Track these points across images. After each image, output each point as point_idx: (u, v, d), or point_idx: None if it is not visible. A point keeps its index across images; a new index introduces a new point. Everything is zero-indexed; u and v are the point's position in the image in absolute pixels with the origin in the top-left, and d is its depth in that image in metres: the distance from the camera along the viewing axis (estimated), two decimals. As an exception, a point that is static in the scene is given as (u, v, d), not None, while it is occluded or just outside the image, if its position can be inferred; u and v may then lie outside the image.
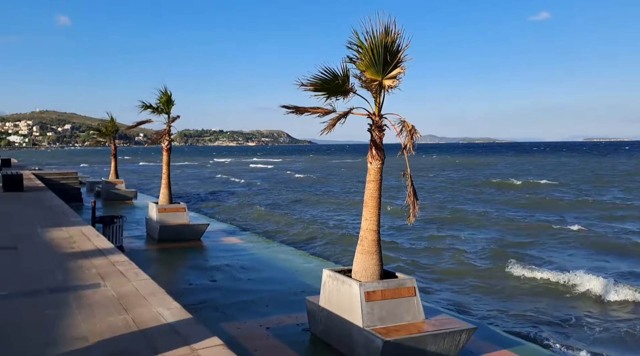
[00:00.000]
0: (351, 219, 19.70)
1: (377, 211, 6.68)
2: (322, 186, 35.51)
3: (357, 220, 19.38)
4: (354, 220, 19.45)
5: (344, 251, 13.75)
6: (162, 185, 15.13)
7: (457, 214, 19.91)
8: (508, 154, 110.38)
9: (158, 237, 14.15)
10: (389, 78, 6.43)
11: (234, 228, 17.45)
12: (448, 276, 11.01)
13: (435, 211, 21.08)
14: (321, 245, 14.66)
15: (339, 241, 15.21)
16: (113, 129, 24.25)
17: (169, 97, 14.66)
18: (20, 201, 11.74)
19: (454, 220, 18.74)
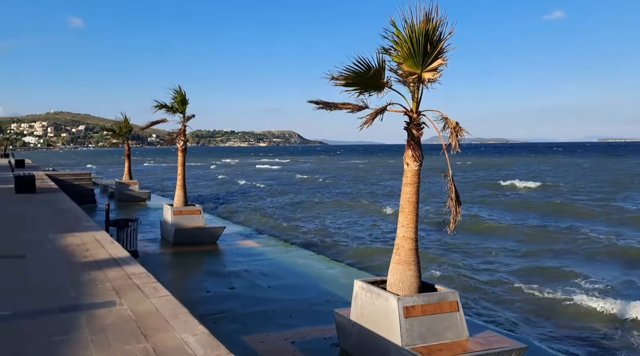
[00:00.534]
0: (367, 223, 19.10)
1: (415, 217, 6.10)
2: (333, 188, 34.93)
3: (370, 223, 18.78)
4: (370, 223, 18.85)
5: (364, 255, 13.17)
6: (177, 186, 14.70)
7: (481, 221, 19.14)
8: (521, 155, 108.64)
9: (173, 240, 13.71)
10: (429, 71, 5.85)
11: (250, 230, 16.95)
12: (482, 288, 10.32)
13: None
14: (340, 249, 14.08)
15: (357, 245, 14.63)
16: (127, 129, 23.94)
17: (183, 96, 14.22)
18: (32, 203, 11.35)
19: (479, 227, 17.98)
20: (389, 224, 18.24)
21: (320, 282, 10.15)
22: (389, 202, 25.38)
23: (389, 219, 19.34)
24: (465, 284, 10.34)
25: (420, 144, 6.18)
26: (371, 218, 20.00)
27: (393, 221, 18.76)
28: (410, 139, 6.13)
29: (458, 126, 5.73)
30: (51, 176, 21.39)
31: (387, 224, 18.42)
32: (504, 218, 19.53)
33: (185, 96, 14.21)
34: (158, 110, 14.29)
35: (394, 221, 18.59)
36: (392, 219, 19.16)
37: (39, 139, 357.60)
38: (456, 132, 5.67)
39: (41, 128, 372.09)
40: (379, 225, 18.25)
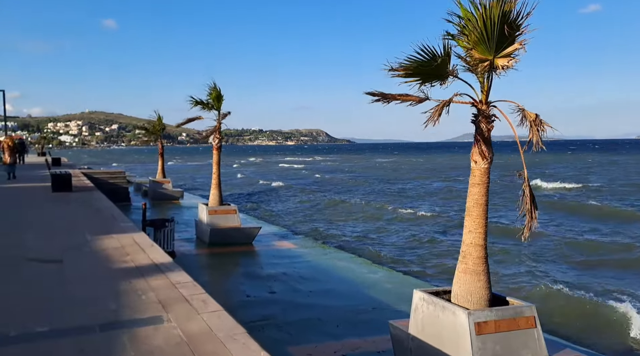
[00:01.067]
0: (400, 223, 18.37)
1: (484, 221, 5.44)
2: (366, 188, 34.22)
3: (404, 224, 18.05)
4: (405, 224, 18.12)
5: (403, 257, 12.51)
6: (212, 185, 14.37)
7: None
8: (557, 152, 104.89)
9: (209, 240, 13.38)
10: (503, 56, 5.17)
11: (285, 231, 16.51)
12: (552, 299, 9.47)
13: (502, 220, 19.41)
14: (378, 251, 13.45)
15: (394, 246, 13.97)
16: (160, 128, 23.91)
17: (218, 92, 13.86)
18: (69, 202, 11.19)
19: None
20: (424, 227, 17.49)
21: (363, 287, 9.57)
22: (422, 203, 24.55)
23: (424, 221, 18.58)
24: (533, 294, 9.52)
25: (490, 139, 5.52)
26: (405, 219, 19.27)
27: (429, 223, 17.98)
28: (478, 134, 5.47)
29: (538, 119, 5.04)
30: (87, 174, 21.54)
31: (423, 226, 17.67)
32: (552, 223, 18.44)
33: (220, 92, 13.86)
34: (193, 107, 13.98)
35: (429, 223, 17.83)
36: (428, 221, 18.39)
37: (74, 138, 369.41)
38: (537, 126, 4.97)
39: (76, 127, 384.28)
40: (414, 227, 17.51)
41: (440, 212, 20.61)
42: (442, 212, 20.66)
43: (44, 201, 11.76)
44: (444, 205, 23.36)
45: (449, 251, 13.04)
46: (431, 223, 17.98)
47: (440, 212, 20.61)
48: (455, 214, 19.46)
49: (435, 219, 18.72)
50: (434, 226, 17.37)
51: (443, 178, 40.42)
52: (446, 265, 11.65)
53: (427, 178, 40.74)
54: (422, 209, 20.95)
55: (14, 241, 6.99)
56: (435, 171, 50.35)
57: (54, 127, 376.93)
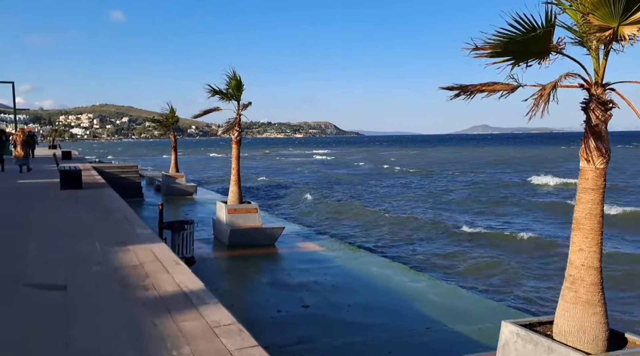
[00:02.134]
0: (429, 224, 17.17)
1: (599, 237, 4.26)
2: (380, 182, 33.02)
3: (436, 227, 16.86)
4: (437, 226, 16.92)
5: (439, 261, 11.36)
6: (231, 182, 13.29)
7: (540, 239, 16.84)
8: (570, 145, 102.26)
9: (228, 242, 12.33)
10: (632, 23, 3.97)
11: (308, 230, 15.41)
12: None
13: (550, 228, 18.13)
14: (411, 254, 12.32)
15: (428, 249, 12.80)
16: (173, 120, 22.87)
17: (238, 81, 12.72)
18: (78, 202, 10.16)
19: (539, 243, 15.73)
20: (458, 230, 16.28)
21: (409, 300, 8.43)
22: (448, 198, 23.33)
23: (451, 212, 17.36)
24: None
25: (607, 132, 4.32)
26: (432, 219, 18.08)
27: (453, 217, 16.74)
28: (590, 125, 4.28)
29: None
30: (97, 168, 20.59)
31: (450, 219, 16.46)
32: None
33: (240, 81, 12.73)
34: (211, 96, 12.88)
35: (454, 218, 16.36)
36: (454, 209, 17.16)
37: (85, 130, 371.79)
38: (687, 114, 3.76)
39: (87, 120, 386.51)
40: (442, 225, 16.32)
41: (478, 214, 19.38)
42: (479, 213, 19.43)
43: (51, 200, 10.76)
44: (481, 211, 22.11)
45: (489, 259, 11.87)
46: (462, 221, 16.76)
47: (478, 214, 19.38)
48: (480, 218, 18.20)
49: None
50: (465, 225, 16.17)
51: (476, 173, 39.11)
52: (490, 273, 10.50)
53: (467, 173, 39.43)
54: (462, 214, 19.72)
55: (12, 252, 5.96)
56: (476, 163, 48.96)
57: (66, 120, 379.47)
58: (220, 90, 12.83)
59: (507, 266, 11.05)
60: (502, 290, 9.55)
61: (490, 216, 18.38)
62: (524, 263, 11.41)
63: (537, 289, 9.60)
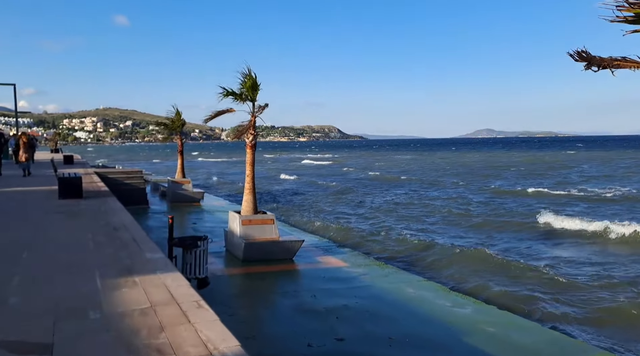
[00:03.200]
0: (457, 231, 16.02)
1: None
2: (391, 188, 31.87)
3: (469, 233, 15.71)
4: (469, 233, 15.77)
5: (485, 283, 10.20)
6: (245, 190, 12.18)
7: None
8: (579, 149, 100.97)
9: (243, 256, 11.24)
10: None
11: (327, 242, 14.28)
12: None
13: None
14: (441, 268, 11.17)
15: (459, 264, 11.64)
16: (179, 123, 21.82)
17: (254, 81, 11.64)
18: (77, 215, 9.04)
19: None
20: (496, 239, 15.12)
21: (459, 332, 7.28)
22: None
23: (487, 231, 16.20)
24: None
25: None
26: (460, 225, 16.93)
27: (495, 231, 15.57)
28: None
29: None
30: (100, 174, 19.54)
31: (470, 232, 15.29)
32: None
33: (256, 81, 11.64)
34: (224, 98, 11.80)
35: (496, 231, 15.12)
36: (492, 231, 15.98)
37: (89, 134, 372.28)
38: None
39: (91, 123, 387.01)
40: (472, 233, 15.17)
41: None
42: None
43: (46, 214, 9.65)
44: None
45: (537, 277, 10.71)
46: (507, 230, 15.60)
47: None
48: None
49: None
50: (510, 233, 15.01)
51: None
52: (543, 296, 9.33)
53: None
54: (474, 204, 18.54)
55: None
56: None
57: (69, 124, 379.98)
58: (233, 91, 11.75)
59: (567, 285, 9.90)
60: (558, 317, 8.39)
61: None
62: (580, 292, 10.26)
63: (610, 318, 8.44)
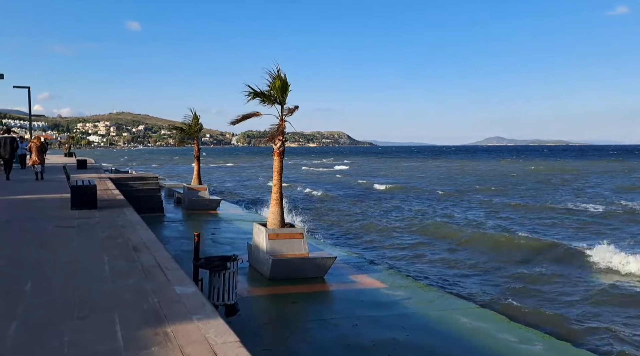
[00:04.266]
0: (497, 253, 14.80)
1: None
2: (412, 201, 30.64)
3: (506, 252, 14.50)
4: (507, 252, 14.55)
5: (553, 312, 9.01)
6: (271, 201, 11.13)
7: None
8: (590, 158, 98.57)
9: (270, 274, 10.18)
10: None
11: (357, 257, 13.18)
12: None
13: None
14: (499, 296, 9.99)
15: (515, 289, 10.45)
16: (197, 128, 20.91)
17: (284, 81, 10.62)
18: (90, 233, 7.98)
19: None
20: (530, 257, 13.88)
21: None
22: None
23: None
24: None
25: None
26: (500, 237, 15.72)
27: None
28: None
29: None
30: (114, 179, 18.66)
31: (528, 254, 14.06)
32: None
33: (286, 81, 10.62)
34: (251, 99, 10.80)
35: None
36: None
37: (102, 138, 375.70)
38: None
39: (104, 128, 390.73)
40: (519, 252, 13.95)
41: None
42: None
43: (56, 227, 8.68)
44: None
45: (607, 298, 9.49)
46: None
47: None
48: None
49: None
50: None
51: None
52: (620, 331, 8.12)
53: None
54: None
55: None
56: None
57: (83, 128, 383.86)
58: (262, 92, 10.74)
59: None
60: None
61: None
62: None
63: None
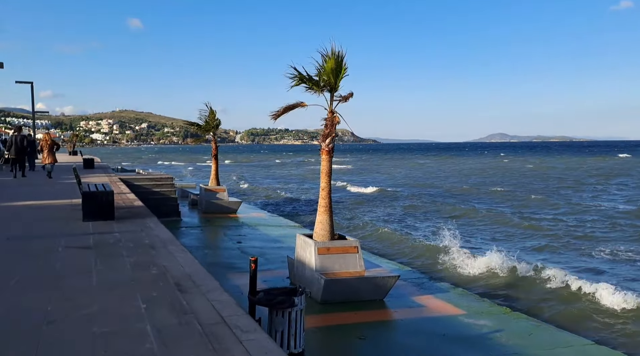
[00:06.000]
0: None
1: None
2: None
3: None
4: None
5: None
6: (319, 208, 9.28)
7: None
8: (597, 155, 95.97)
9: (322, 297, 8.39)
10: None
11: (412, 271, 11.34)
12: None
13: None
14: (615, 326, 8.14)
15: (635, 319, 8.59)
16: (215, 123, 19.10)
17: (338, 62, 8.77)
18: (112, 255, 6.11)
19: None
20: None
21: None
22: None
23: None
24: None
25: None
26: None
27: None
28: None
29: None
30: (126, 180, 16.89)
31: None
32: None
33: (342, 62, 8.76)
34: (295, 85, 8.98)
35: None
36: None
37: (105, 136, 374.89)
38: None
39: (107, 126, 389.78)
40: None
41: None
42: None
43: (67, 247, 6.85)
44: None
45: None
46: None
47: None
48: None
49: None
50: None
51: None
52: None
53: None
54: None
55: None
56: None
57: (86, 126, 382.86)
58: (309, 76, 8.91)
59: None
60: None
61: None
62: None
63: None
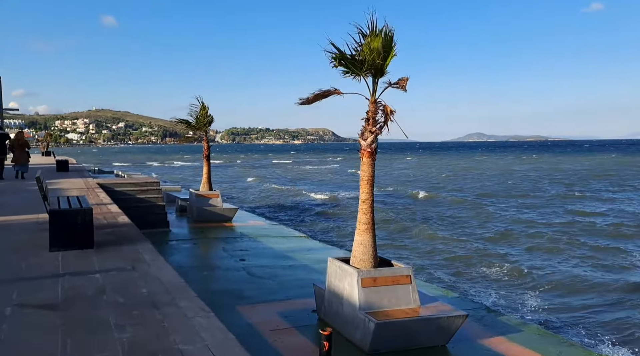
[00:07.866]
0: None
1: None
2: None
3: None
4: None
5: None
6: (358, 226, 7.20)
7: None
8: (569, 154, 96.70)
9: (370, 346, 6.35)
10: None
11: (463, 299, 9.40)
12: None
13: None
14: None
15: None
16: (206, 120, 16.85)
17: (387, 41, 6.76)
18: (89, 324, 3.84)
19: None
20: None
21: None
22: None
23: None
24: None
25: None
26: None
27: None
28: None
29: None
30: (105, 186, 14.51)
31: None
32: None
33: (391, 40, 6.76)
34: (336, 66, 6.93)
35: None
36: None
37: (81, 135, 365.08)
38: None
39: (83, 125, 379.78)
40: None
41: None
42: None
43: (19, 314, 4.58)
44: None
45: None
46: None
47: None
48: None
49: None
50: None
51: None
52: None
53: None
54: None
55: None
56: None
57: (61, 125, 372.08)
58: (351, 56, 6.87)
59: None
60: None
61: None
62: None
63: None
